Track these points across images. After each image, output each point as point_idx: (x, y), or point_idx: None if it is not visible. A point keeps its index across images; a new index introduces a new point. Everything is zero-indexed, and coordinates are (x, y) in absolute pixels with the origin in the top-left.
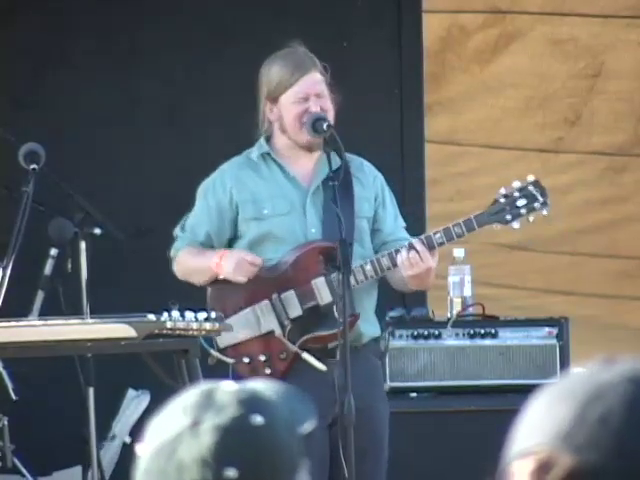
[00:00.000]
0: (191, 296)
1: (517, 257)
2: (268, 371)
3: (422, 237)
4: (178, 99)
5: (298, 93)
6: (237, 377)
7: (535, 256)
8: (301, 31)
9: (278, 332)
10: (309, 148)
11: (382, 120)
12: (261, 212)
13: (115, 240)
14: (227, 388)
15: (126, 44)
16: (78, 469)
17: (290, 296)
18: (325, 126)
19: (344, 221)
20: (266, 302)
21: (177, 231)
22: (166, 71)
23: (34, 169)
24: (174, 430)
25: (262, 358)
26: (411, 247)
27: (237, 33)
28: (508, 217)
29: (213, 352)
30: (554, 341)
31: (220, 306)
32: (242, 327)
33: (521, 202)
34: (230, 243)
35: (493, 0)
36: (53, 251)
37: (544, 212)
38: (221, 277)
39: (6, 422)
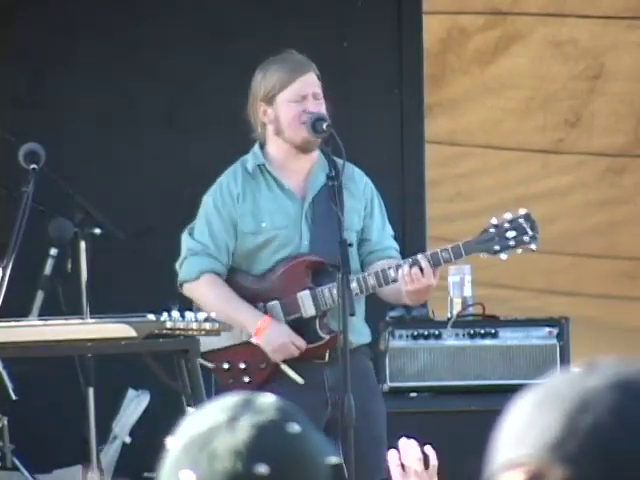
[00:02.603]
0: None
1: (518, 258)
2: (247, 379)
3: (428, 254)
4: (178, 99)
5: (296, 92)
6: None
7: (536, 257)
8: (301, 31)
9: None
10: (304, 148)
11: (382, 120)
12: (259, 226)
13: (115, 240)
14: (266, 398)
15: (126, 44)
16: (78, 468)
17: (274, 306)
18: (325, 126)
19: (335, 237)
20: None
21: (195, 246)
22: (166, 71)
23: (34, 169)
24: (210, 424)
25: (242, 366)
26: (415, 263)
27: (237, 33)
28: (496, 247)
29: None
30: (554, 341)
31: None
32: (224, 333)
33: (510, 234)
34: None
35: (493, 1)
36: (53, 251)
37: (532, 246)
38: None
39: (6, 422)
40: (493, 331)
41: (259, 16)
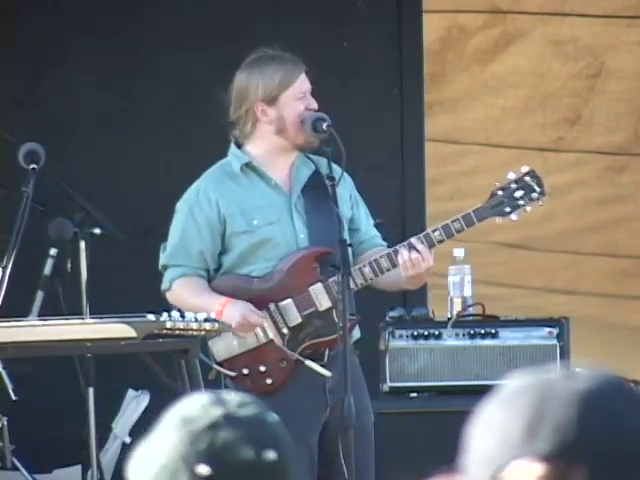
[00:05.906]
0: None
1: (517, 256)
2: (269, 381)
3: (421, 236)
4: (178, 99)
5: (299, 90)
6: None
7: (535, 255)
8: (301, 31)
9: (278, 341)
10: (304, 148)
11: (382, 119)
12: (251, 224)
13: (115, 240)
14: (226, 394)
15: (126, 44)
16: (78, 468)
17: (288, 305)
18: (325, 126)
19: (330, 227)
20: (263, 313)
21: (165, 260)
22: (166, 71)
23: (34, 169)
24: (208, 419)
25: (262, 368)
26: (411, 247)
27: (237, 33)
28: (507, 209)
29: (215, 365)
30: (554, 341)
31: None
32: (240, 339)
33: (519, 193)
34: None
35: (493, 0)
36: (53, 251)
37: (540, 202)
38: None
39: (6, 422)
40: (493, 331)
41: (259, 16)
